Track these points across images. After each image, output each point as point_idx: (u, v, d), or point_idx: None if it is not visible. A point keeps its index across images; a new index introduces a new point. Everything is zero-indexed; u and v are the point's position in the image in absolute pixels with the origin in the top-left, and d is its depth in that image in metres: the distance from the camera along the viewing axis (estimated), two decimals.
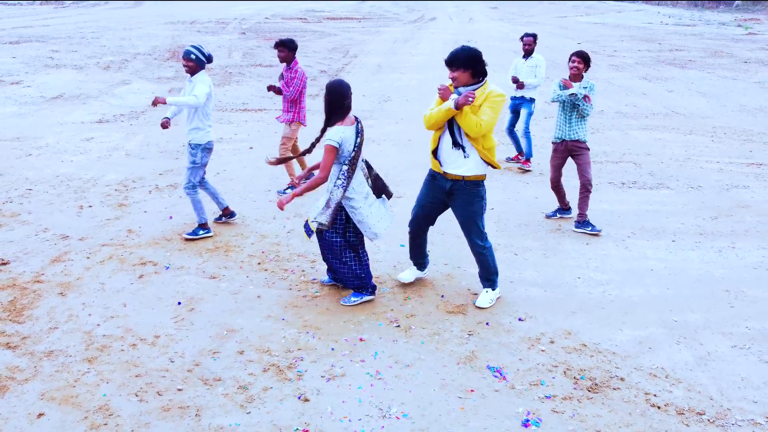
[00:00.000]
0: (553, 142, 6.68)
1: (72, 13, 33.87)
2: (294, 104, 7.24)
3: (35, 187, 7.75)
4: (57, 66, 16.76)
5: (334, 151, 4.72)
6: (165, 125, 6.25)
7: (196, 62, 6.03)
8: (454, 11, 38.82)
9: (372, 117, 11.72)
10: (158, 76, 15.76)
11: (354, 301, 5.10)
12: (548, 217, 6.92)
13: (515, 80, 8.27)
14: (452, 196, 4.96)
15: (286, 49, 7.07)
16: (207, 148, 6.23)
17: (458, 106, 4.57)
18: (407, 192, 7.63)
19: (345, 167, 4.75)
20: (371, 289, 5.16)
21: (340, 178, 4.75)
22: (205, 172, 6.39)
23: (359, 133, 4.83)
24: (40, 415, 3.82)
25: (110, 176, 8.18)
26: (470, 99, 4.54)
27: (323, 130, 4.92)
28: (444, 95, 4.72)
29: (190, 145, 6.23)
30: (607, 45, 22.40)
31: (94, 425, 3.74)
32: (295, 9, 37.74)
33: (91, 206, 7.14)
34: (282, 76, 7.33)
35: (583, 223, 6.53)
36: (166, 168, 8.53)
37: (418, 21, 32.60)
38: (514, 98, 8.54)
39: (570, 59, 6.40)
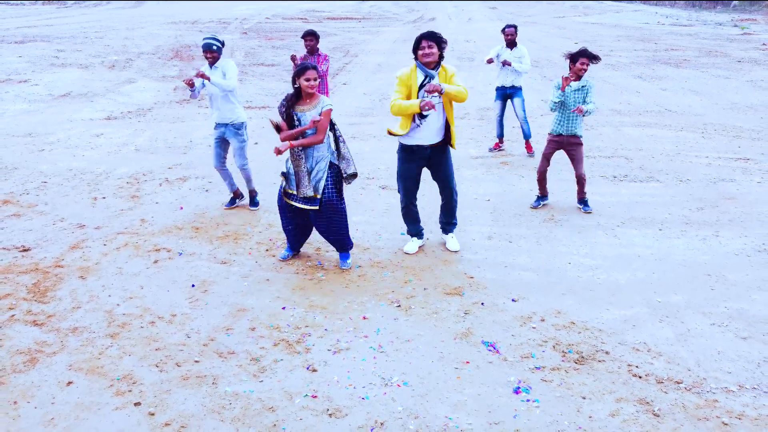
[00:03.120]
0: (550, 133, 7.02)
1: (74, 13, 34.19)
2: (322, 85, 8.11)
3: (50, 180, 8.08)
4: (63, 65, 17.10)
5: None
6: (194, 80, 6.46)
7: (218, 51, 6.51)
8: (453, 11, 39.17)
9: (372, 114, 12.05)
10: (162, 74, 16.10)
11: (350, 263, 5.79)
12: (533, 207, 7.25)
13: (506, 63, 8.70)
14: (431, 160, 5.81)
15: (315, 39, 7.79)
16: (246, 125, 6.83)
17: (422, 108, 5.40)
18: None
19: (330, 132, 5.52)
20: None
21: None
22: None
23: None
24: (69, 383, 4.15)
25: (121, 170, 8.51)
26: (434, 108, 5.41)
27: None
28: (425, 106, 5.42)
29: (233, 125, 6.70)
30: (604, 45, 22.73)
31: (120, 392, 4.07)
32: (296, 9, 38.08)
33: (104, 198, 7.47)
34: (294, 58, 8.33)
35: (583, 201, 7.12)
36: (174, 162, 8.86)
37: (418, 21, 32.94)
38: (502, 87, 8.99)
39: (578, 60, 6.67)
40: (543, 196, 7.29)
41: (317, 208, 5.49)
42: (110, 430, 3.73)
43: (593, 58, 6.67)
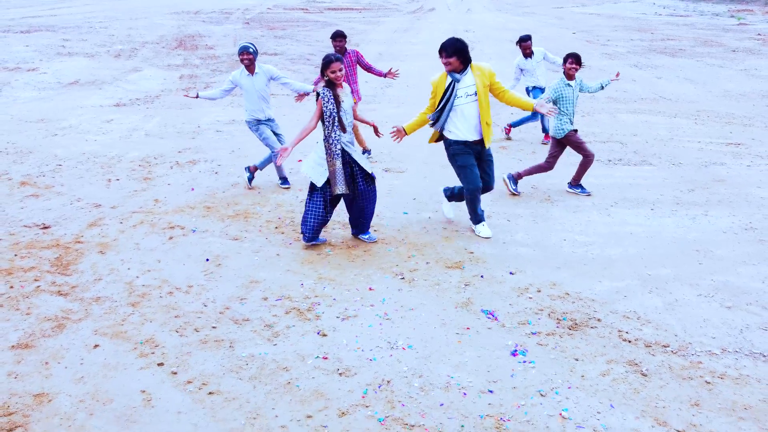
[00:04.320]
0: (566, 133, 7.16)
1: (78, 3, 34.26)
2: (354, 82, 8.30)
3: (64, 163, 8.31)
4: (69, 54, 17.28)
5: None
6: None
7: (254, 54, 6.97)
8: (452, 2, 39.25)
9: (374, 101, 12.27)
10: (168, 63, 16.28)
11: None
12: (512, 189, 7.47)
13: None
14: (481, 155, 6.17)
15: (344, 39, 8.01)
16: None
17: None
18: (409, 168, 8.22)
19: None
20: None
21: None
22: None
23: None
24: (96, 346, 4.41)
25: (133, 154, 8.74)
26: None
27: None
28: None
29: (271, 120, 7.26)
30: (601, 35, 22.91)
31: (143, 354, 4.32)
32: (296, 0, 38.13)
33: (118, 179, 7.71)
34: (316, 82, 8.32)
35: (577, 186, 7.35)
36: (184, 146, 9.09)
37: (417, 11, 33.05)
38: (527, 88, 9.38)
39: (566, 60, 6.99)
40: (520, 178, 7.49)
41: (374, 179, 5.92)
42: (136, 387, 3.99)
43: (580, 61, 7.07)
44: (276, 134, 7.30)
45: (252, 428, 3.64)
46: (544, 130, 9.49)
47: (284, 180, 7.56)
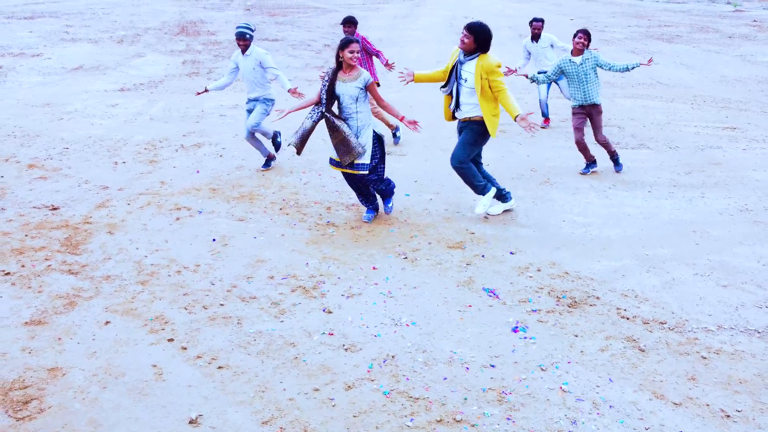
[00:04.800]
0: (573, 107, 7.30)
1: None
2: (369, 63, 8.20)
3: (71, 146, 8.31)
4: (73, 40, 17.20)
5: None
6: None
7: (250, 39, 7.11)
8: None
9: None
10: (170, 49, 16.22)
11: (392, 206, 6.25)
12: (583, 173, 7.46)
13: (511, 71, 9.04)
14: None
15: (354, 25, 7.88)
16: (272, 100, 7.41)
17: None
18: (410, 151, 8.24)
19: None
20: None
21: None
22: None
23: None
24: (107, 322, 4.45)
25: (138, 137, 8.75)
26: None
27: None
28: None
29: (268, 100, 7.28)
30: (599, 21, 22.81)
31: (153, 330, 4.37)
32: None
33: (125, 162, 7.72)
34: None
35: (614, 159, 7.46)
36: (188, 130, 9.10)
37: None
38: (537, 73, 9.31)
39: (576, 35, 7.03)
40: (591, 162, 7.48)
41: (367, 172, 5.85)
42: (147, 361, 4.04)
43: (589, 36, 7.14)
44: (252, 114, 7.29)
45: (261, 400, 3.69)
46: (544, 114, 9.47)
47: (267, 162, 7.54)
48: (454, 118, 6.15)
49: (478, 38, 5.68)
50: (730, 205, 6.63)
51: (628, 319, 4.59)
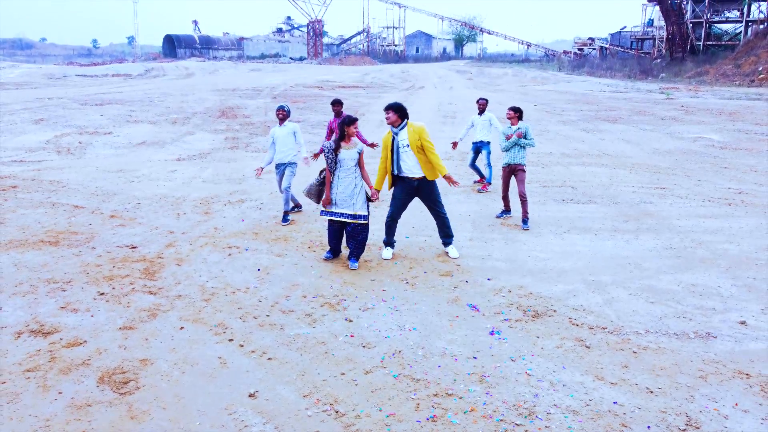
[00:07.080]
0: (503, 166, 7.95)
1: (139, 83, 35.46)
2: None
3: (142, 202, 8.91)
4: (136, 121, 18.08)
5: None
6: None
7: (288, 112, 7.75)
8: (438, 81, 40.64)
9: (376, 157, 12.93)
10: (214, 128, 17.08)
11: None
12: (498, 217, 8.10)
13: (455, 144, 9.75)
14: (420, 190, 6.52)
15: (340, 105, 8.57)
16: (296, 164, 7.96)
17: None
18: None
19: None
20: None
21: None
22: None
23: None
24: (181, 328, 4.92)
25: (194, 195, 9.35)
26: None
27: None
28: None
29: (293, 164, 7.82)
30: (557, 106, 23.91)
31: (217, 333, 4.84)
32: (313, 80, 39.49)
33: (185, 213, 8.30)
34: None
35: (525, 220, 7.85)
36: (233, 190, 9.72)
37: (410, 89, 34.29)
38: (476, 142, 9.85)
39: (507, 112, 7.84)
40: (506, 210, 8.15)
41: (366, 222, 6.33)
42: (214, 354, 4.50)
43: (516, 110, 7.85)
44: (285, 177, 7.78)
45: (302, 381, 4.15)
46: (480, 174, 10.01)
47: (285, 216, 7.88)
48: (393, 182, 6.50)
49: (398, 112, 6.26)
50: (658, 244, 7.17)
51: (577, 325, 5.07)
